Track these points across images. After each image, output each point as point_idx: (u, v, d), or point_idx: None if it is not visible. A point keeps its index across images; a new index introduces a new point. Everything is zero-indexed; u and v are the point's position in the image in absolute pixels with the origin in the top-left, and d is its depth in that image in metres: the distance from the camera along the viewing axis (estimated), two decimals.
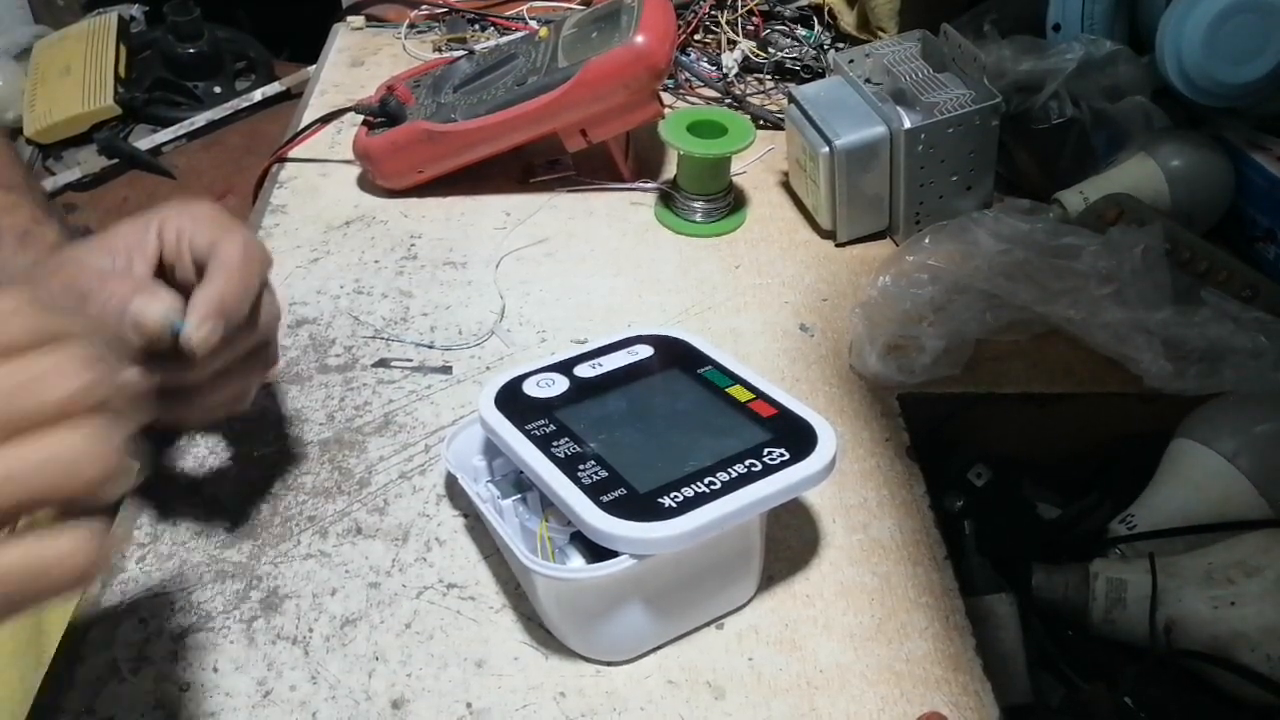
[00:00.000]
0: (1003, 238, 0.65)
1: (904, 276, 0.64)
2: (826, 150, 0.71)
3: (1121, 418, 0.68)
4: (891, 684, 0.48)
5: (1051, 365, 0.67)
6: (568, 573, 0.45)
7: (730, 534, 0.45)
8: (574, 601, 0.47)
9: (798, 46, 0.97)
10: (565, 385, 0.52)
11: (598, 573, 0.43)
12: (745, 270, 0.73)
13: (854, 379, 0.65)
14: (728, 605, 0.51)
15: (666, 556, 0.44)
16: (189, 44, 1.50)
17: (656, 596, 0.47)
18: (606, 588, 0.45)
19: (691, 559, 0.46)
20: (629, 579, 0.44)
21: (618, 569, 0.43)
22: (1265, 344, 0.62)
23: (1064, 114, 0.76)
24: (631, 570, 0.43)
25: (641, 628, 0.48)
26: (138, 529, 0.53)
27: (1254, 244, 0.75)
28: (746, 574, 0.50)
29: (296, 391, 0.62)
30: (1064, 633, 0.63)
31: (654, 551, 0.43)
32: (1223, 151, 0.75)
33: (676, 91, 0.92)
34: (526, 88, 0.73)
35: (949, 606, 0.52)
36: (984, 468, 0.67)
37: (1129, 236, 0.64)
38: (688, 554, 0.45)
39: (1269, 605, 0.56)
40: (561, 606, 0.47)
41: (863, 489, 0.58)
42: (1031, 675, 0.58)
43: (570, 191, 0.80)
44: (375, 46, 1.00)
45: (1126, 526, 0.64)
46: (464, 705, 0.47)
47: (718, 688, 0.48)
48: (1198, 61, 0.71)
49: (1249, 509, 0.61)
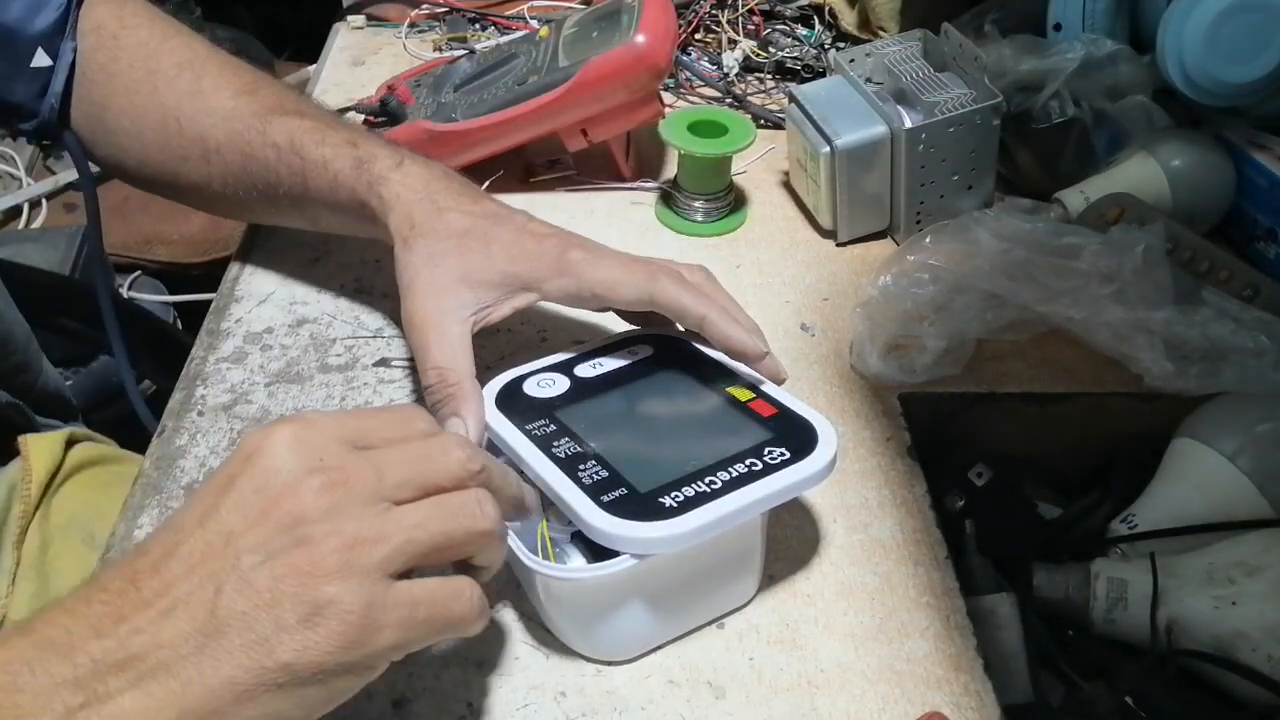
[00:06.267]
0: (1004, 237, 0.65)
1: (905, 276, 0.64)
2: (827, 150, 0.71)
3: (1122, 417, 0.68)
4: (892, 683, 0.48)
5: (1052, 365, 0.67)
6: (568, 573, 0.45)
7: (731, 534, 0.45)
8: (575, 601, 0.47)
9: (798, 46, 0.97)
10: (566, 385, 0.52)
11: (599, 573, 0.43)
12: (746, 270, 0.73)
13: (855, 379, 0.65)
14: (729, 605, 0.51)
15: (667, 556, 0.44)
16: None
17: (657, 596, 0.47)
18: (607, 588, 0.45)
19: (692, 559, 0.46)
20: (630, 579, 0.44)
21: (618, 569, 0.43)
22: (1266, 343, 0.62)
23: (1065, 113, 0.76)
24: (632, 570, 0.43)
25: (643, 627, 0.48)
26: (138, 529, 0.53)
27: (1255, 243, 0.75)
28: (748, 573, 0.50)
29: (297, 391, 0.62)
30: (1065, 632, 0.63)
31: (655, 551, 0.43)
32: (1224, 151, 0.75)
33: (677, 91, 0.92)
34: (527, 87, 0.73)
35: (950, 606, 0.52)
36: (985, 467, 0.67)
37: (1130, 236, 0.64)
38: (689, 554, 0.45)
39: (1270, 605, 0.56)
40: (562, 607, 0.47)
41: (863, 488, 0.58)
42: (1032, 675, 0.58)
43: (571, 191, 0.80)
44: (376, 46, 1.00)
45: (1127, 526, 0.64)
46: (464, 705, 0.47)
47: (718, 687, 0.48)
48: (1199, 61, 0.71)
49: (1250, 509, 0.61)
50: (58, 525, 0.64)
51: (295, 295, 0.69)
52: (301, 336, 0.66)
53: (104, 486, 0.69)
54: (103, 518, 0.66)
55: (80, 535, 0.65)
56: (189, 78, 0.63)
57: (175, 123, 0.62)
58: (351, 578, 0.36)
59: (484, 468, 0.41)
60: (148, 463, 0.57)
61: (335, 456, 0.38)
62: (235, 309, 0.68)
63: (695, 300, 0.52)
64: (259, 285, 0.70)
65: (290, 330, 0.66)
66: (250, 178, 0.61)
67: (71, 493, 0.67)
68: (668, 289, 0.52)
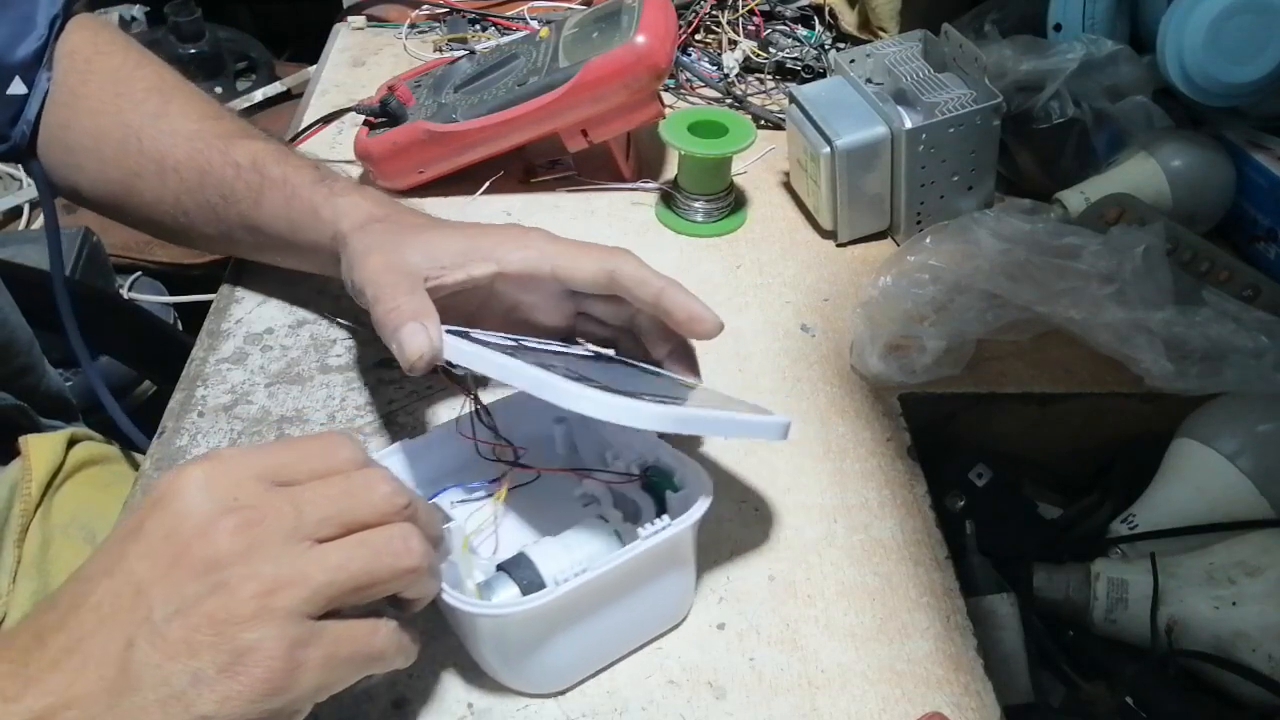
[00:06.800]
0: (1004, 237, 0.65)
1: (905, 276, 0.64)
2: (827, 150, 0.71)
3: (1123, 418, 0.68)
4: (893, 684, 0.48)
5: (1053, 365, 0.67)
6: (494, 609, 0.43)
7: (662, 553, 0.45)
8: (502, 636, 0.45)
9: (799, 46, 0.97)
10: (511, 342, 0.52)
11: (527, 605, 0.42)
12: (746, 270, 0.73)
13: (855, 379, 0.65)
14: (662, 626, 0.50)
15: (594, 584, 0.43)
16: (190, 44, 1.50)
17: (587, 624, 0.45)
18: (535, 620, 0.43)
19: (621, 581, 0.45)
20: (556, 609, 0.43)
21: (544, 601, 0.42)
22: (1266, 344, 0.62)
23: (1065, 114, 0.76)
24: (559, 600, 0.42)
25: (573, 657, 0.46)
26: None
27: (1255, 243, 0.75)
28: (681, 592, 0.49)
29: (298, 391, 0.62)
30: (1065, 633, 0.63)
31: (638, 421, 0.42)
32: (1224, 151, 0.75)
33: (677, 91, 0.92)
34: (527, 88, 0.73)
35: (950, 606, 0.52)
36: (985, 468, 0.67)
37: (1130, 236, 0.64)
38: (618, 578, 0.44)
39: (1270, 605, 0.56)
40: (490, 642, 0.46)
41: (864, 489, 0.58)
42: (1033, 675, 0.58)
43: (571, 191, 0.80)
44: (376, 46, 1.00)
45: (1128, 526, 0.64)
46: (465, 705, 0.47)
47: (719, 688, 0.48)
48: (1199, 61, 0.71)
49: (1250, 509, 0.61)
50: (58, 524, 0.65)
51: (296, 296, 0.69)
52: (302, 337, 0.66)
53: (105, 486, 0.69)
54: (103, 517, 0.66)
55: (81, 534, 0.65)
56: (156, 101, 0.64)
57: (136, 140, 0.63)
58: (271, 622, 0.34)
59: (410, 503, 0.40)
60: (148, 463, 0.57)
61: (251, 495, 0.37)
62: (235, 309, 0.68)
63: (655, 274, 0.52)
64: (259, 286, 0.70)
65: (290, 331, 0.66)
66: (204, 194, 0.62)
67: (72, 492, 0.67)
68: (628, 263, 0.52)
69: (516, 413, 0.52)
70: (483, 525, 0.49)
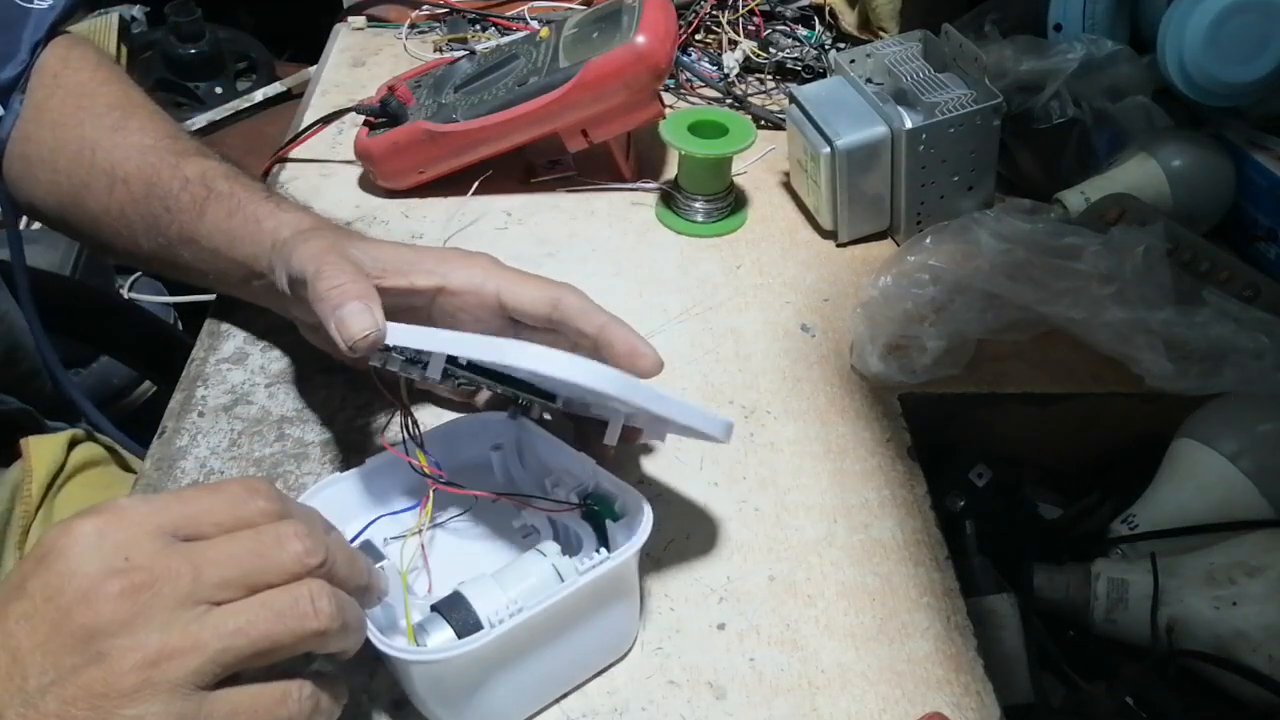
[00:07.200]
0: (1004, 238, 0.65)
1: (905, 276, 0.64)
2: (827, 150, 0.71)
3: (1123, 418, 0.68)
4: (893, 684, 0.48)
5: (1053, 365, 0.67)
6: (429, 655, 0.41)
7: (602, 584, 0.44)
8: (440, 682, 0.43)
9: (799, 46, 0.97)
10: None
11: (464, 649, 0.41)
12: (746, 270, 0.73)
13: (855, 379, 0.65)
14: (607, 659, 0.48)
15: (532, 622, 0.42)
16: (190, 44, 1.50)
17: (527, 661, 0.44)
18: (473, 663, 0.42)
19: (560, 618, 0.43)
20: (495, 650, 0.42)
21: (481, 643, 0.41)
22: (1267, 344, 0.62)
23: (1065, 114, 0.76)
24: (496, 641, 0.41)
25: (513, 697, 0.45)
26: None
27: (1255, 243, 0.75)
28: (625, 623, 0.48)
29: (298, 391, 0.62)
30: (1065, 633, 0.63)
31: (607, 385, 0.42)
32: (1224, 151, 0.75)
33: (677, 91, 0.92)
34: (527, 88, 0.73)
35: (950, 607, 0.52)
36: (985, 468, 0.67)
37: (1130, 236, 0.64)
38: (557, 614, 0.43)
39: (1271, 605, 0.56)
40: (428, 688, 0.44)
41: (864, 489, 0.58)
42: (1033, 675, 0.58)
43: (571, 191, 0.80)
44: (376, 47, 1.00)
45: (1128, 526, 0.64)
46: None
47: (719, 688, 0.48)
48: (1199, 61, 0.71)
49: (1250, 509, 0.61)
50: None
51: None
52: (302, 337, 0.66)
53: (105, 487, 0.69)
54: None
55: None
56: (116, 116, 0.64)
57: (90, 152, 0.63)
58: (155, 697, 0.32)
59: (324, 560, 0.37)
60: (148, 464, 0.57)
61: (144, 554, 0.34)
62: (236, 309, 0.68)
63: (599, 309, 0.52)
64: None
65: (291, 331, 0.66)
66: (149, 204, 0.61)
67: (73, 493, 0.67)
68: (573, 294, 0.52)
69: (453, 440, 0.52)
70: (413, 560, 0.47)
